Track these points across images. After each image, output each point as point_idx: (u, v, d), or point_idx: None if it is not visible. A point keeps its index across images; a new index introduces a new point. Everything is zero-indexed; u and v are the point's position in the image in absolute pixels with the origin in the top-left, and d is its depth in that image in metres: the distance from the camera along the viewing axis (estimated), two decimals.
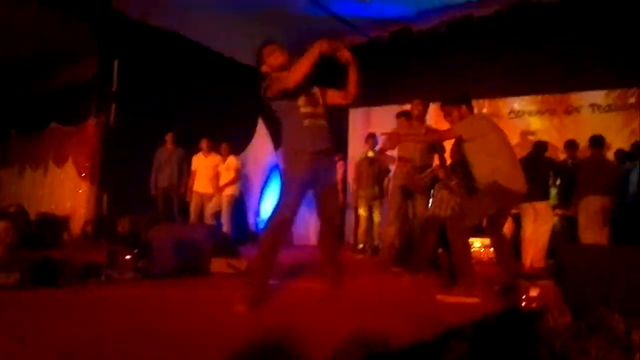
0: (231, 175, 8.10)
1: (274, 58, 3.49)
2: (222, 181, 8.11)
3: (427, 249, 4.84)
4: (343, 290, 3.58)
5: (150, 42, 8.43)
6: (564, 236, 6.49)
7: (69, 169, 8.87)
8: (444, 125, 5.01)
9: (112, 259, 4.56)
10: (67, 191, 8.68)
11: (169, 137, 8.09)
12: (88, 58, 8.77)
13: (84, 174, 8.32)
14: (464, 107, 4.22)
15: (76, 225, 8.02)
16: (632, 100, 8.06)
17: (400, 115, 6.14)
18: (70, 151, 9.01)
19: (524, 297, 2.97)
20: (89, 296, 3.64)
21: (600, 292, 2.84)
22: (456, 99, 4.29)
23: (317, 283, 3.76)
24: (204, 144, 8.08)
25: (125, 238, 6.29)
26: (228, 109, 9.32)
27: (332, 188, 3.62)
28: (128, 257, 4.58)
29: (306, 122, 3.46)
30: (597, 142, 6.49)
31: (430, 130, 5.37)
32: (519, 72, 8.30)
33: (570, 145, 7.14)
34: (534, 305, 2.92)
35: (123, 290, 3.87)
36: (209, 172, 8.05)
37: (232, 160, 8.23)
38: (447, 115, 4.31)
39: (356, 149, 9.42)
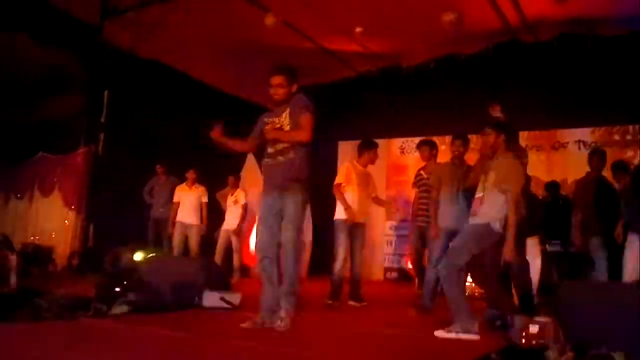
0: (239, 209, 8.05)
1: None
2: (231, 215, 8.04)
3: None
4: (340, 325, 3.56)
5: (139, 73, 8.46)
6: (555, 272, 6.51)
7: (56, 198, 8.75)
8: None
9: (101, 292, 4.45)
10: (53, 221, 8.53)
11: (160, 169, 8.06)
12: (78, 88, 8.75)
13: (72, 207, 8.20)
14: (502, 137, 4.04)
15: (62, 256, 7.86)
16: (617, 137, 8.26)
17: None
18: (57, 181, 8.90)
19: (523, 334, 2.95)
20: (76, 330, 3.54)
21: (601, 329, 2.84)
22: (500, 125, 4.12)
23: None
24: (191, 174, 8.02)
25: (114, 270, 6.16)
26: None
27: (288, 208, 3.77)
28: (117, 289, 4.48)
29: (264, 160, 3.94)
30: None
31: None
32: (505, 108, 8.42)
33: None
34: (534, 342, 2.90)
35: (112, 325, 3.77)
36: (192, 203, 7.94)
37: (240, 194, 8.20)
38: (482, 134, 4.11)
39: None
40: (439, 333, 3.63)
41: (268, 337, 3.43)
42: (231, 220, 8.04)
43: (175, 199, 7.92)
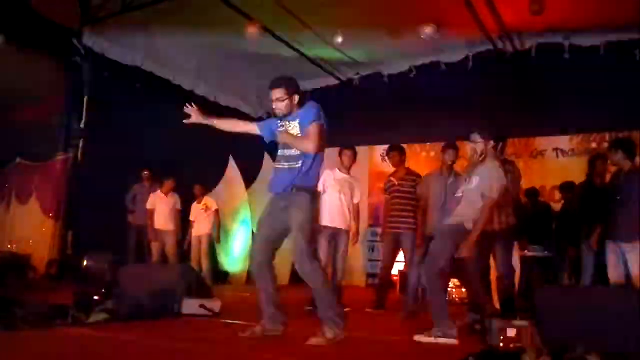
0: (210, 216, 8.08)
1: None
2: (201, 222, 8.05)
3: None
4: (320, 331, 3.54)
5: (120, 78, 8.42)
6: (534, 276, 6.58)
7: (33, 205, 8.61)
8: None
9: (79, 300, 4.39)
10: (31, 229, 8.39)
11: (146, 174, 8.04)
12: (56, 94, 8.67)
13: (50, 214, 8.10)
14: (491, 144, 4.10)
15: (39, 264, 7.74)
16: (594, 145, 8.41)
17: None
18: (35, 188, 8.77)
19: (501, 337, 2.98)
20: (54, 339, 3.49)
21: (578, 332, 2.88)
22: (487, 133, 4.14)
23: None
24: (168, 184, 8.00)
25: (93, 278, 6.08)
26: (199, 146, 9.29)
27: (295, 229, 3.56)
28: (96, 297, 4.43)
29: (276, 163, 3.76)
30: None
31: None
32: (484, 116, 8.53)
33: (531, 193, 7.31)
34: (511, 345, 2.93)
35: (90, 333, 3.72)
36: (167, 210, 7.92)
37: (209, 200, 8.21)
38: (471, 141, 4.15)
39: None
40: (419, 337, 3.65)
41: (248, 343, 3.42)
42: (201, 226, 8.07)
43: (149, 206, 7.86)
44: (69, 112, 8.45)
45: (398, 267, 7.23)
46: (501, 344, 2.97)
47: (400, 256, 6.05)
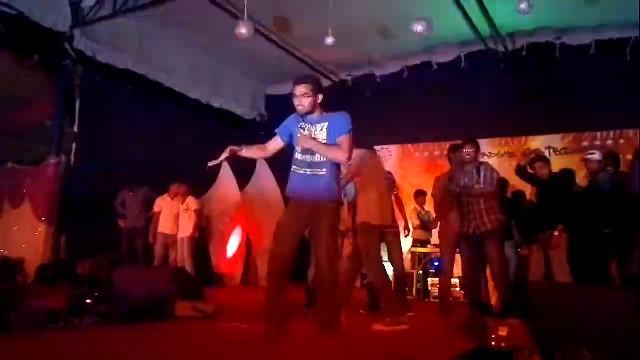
0: (191, 216, 8.09)
1: None
2: (182, 222, 8.09)
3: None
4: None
5: (112, 82, 8.40)
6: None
7: (26, 210, 8.54)
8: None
9: (72, 304, 4.37)
10: (23, 233, 8.32)
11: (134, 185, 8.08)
12: (49, 98, 8.64)
13: (43, 218, 8.06)
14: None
15: (32, 269, 7.69)
16: (586, 143, 8.44)
17: None
18: (27, 192, 8.71)
19: (493, 336, 2.99)
20: (47, 344, 3.47)
21: (569, 331, 2.89)
22: None
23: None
24: (174, 188, 8.08)
25: (86, 282, 6.06)
26: (192, 149, 9.27)
27: (321, 232, 3.52)
28: (89, 301, 4.41)
29: (296, 169, 3.64)
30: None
31: None
32: (479, 116, 8.55)
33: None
34: (503, 344, 2.94)
35: (84, 337, 3.71)
36: (174, 214, 8.07)
37: (191, 201, 8.20)
38: None
39: None
40: (377, 327, 4.08)
41: (239, 345, 3.41)
42: (183, 229, 8.10)
43: (157, 210, 8.02)
44: (61, 115, 8.42)
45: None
46: (493, 343, 2.97)
47: None
